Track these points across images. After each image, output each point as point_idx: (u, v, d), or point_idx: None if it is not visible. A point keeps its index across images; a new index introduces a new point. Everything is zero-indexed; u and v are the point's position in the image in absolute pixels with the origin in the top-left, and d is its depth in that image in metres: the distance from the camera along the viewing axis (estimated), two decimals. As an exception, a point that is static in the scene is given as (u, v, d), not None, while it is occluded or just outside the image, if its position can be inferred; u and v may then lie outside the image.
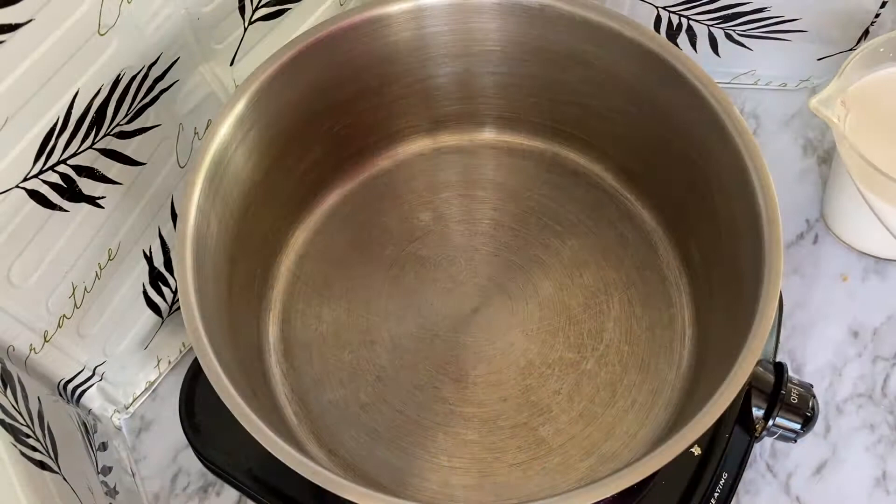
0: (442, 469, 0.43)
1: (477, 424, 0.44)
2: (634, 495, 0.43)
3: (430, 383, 0.45)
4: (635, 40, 0.42)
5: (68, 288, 0.42)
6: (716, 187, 0.42)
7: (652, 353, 0.45)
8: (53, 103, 0.35)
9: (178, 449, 0.52)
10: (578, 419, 0.44)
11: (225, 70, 0.46)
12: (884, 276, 0.56)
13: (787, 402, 0.43)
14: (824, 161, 0.60)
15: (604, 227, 0.49)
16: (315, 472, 0.33)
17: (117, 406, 0.51)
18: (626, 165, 0.50)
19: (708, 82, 0.40)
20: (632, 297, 0.47)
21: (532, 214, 0.50)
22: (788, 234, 0.57)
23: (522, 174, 0.51)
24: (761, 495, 0.50)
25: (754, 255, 0.38)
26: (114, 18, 0.36)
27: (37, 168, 0.36)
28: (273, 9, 0.46)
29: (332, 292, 0.48)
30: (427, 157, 0.52)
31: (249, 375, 0.41)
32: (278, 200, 0.47)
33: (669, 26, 0.57)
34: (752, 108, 0.62)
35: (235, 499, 0.51)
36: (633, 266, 0.48)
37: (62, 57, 0.35)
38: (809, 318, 0.54)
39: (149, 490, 0.51)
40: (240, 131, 0.41)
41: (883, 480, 0.50)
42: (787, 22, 0.55)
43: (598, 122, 0.48)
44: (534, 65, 0.47)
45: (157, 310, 0.50)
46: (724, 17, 0.55)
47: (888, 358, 0.53)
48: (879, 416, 0.52)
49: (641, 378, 0.45)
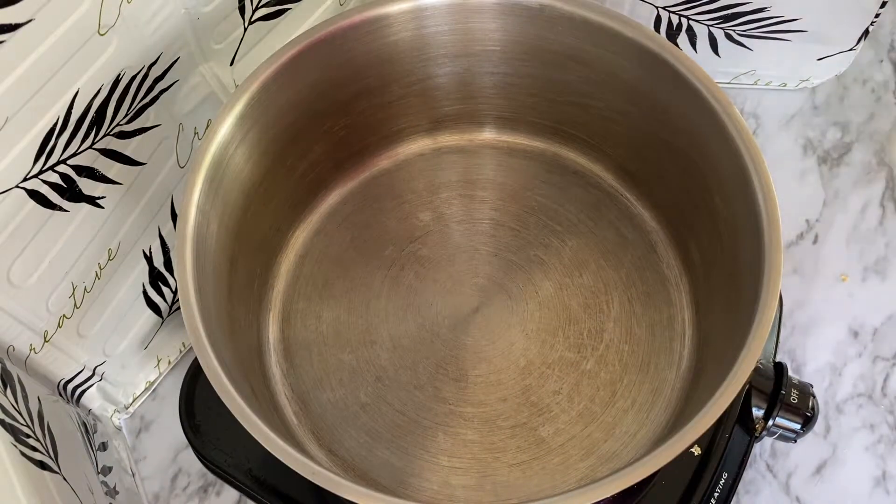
0: (442, 469, 0.43)
1: (477, 424, 0.44)
2: (634, 495, 0.43)
3: (430, 383, 0.45)
4: (635, 40, 0.42)
5: (68, 288, 0.42)
6: (716, 187, 0.42)
7: (652, 353, 0.45)
8: (53, 103, 0.35)
9: (178, 449, 0.52)
10: (578, 419, 0.44)
11: (225, 70, 0.46)
12: (884, 275, 0.56)
13: (787, 402, 0.43)
14: (824, 161, 0.60)
15: (604, 227, 0.49)
16: (315, 472, 0.33)
17: (117, 406, 0.51)
18: (626, 165, 0.50)
19: (708, 82, 0.40)
20: (632, 297, 0.47)
21: (532, 214, 0.50)
22: (788, 234, 0.57)
23: (522, 174, 0.51)
24: (761, 495, 0.50)
25: (754, 255, 0.38)
26: (114, 18, 0.36)
27: (37, 168, 0.36)
28: (273, 9, 0.46)
29: (332, 292, 0.48)
30: (427, 157, 0.52)
31: (249, 375, 0.41)
32: (278, 200, 0.47)
33: (669, 26, 0.57)
34: (752, 108, 0.62)
35: (235, 499, 0.51)
36: (633, 266, 0.48)
37: (62, 57, 0.35)
38: (809, 317, 0.55)
39: (149, 490, 0.51)
40: (240, 131, 0.41)
41: (883, 480, 0.50)
42: (787, 22, 0.55)
43: (597, 122, 0.48)
44: (534, 65, 0.47)
45: (157, 310, 0.50)
46: (724, 17, 0.55)
47: (888, 358, 0.53)
48: (879, 416, 0.52)
49: (641, 378, 0.45)
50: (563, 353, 0.45)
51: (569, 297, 0.47)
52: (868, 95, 0.62)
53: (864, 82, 0.63)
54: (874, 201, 0.59)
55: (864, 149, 0.60)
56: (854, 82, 0.63)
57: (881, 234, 0.57)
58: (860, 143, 0.60)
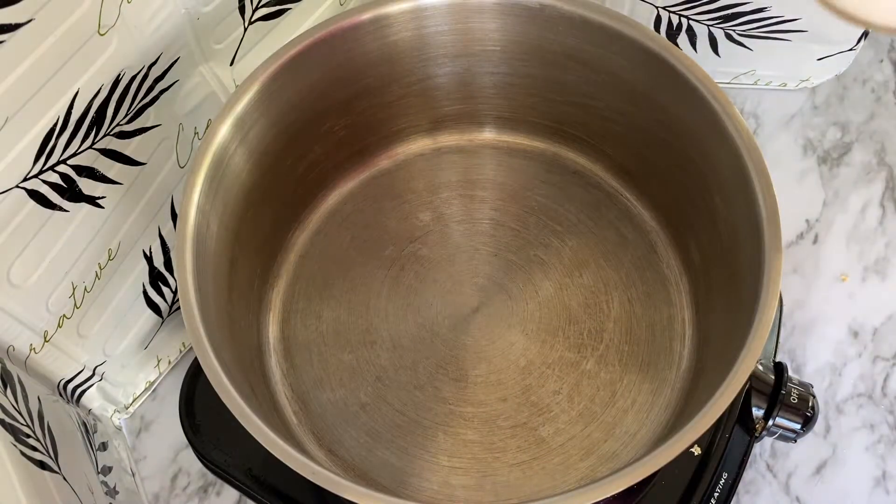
0: (442, 469, 0.43)
1: (477, 424, 0.44)
2: (634, 495, 0.43)
3: (430, 383, 0.45)
4: (635, 40, 0.42)
5: (68, 288, 0.42)
6: (716, 187, 0.42)
7: (652, 353, 0.45)
8: (53, 103, 0.35)
9: (178, 449, 0.52)
10: (578, 419, 0.44)
11: (225, 70, 0.46)
12: (884, 275, 0.56)
13: (787, 402, 0.43)
14: (824, 161, 0.60)
15: (604, 227, 0.49)
16: (315, 472, 0.33)
17: (117, 406, 0.51)
18: (626, 165, 0.50)
19: (708, 82, 0.40)
20: (632, 297, 0.47)
21: (532, 214, 0.50)
22: (788, 234, 0.57)
23: (522, 174, 0.51)
24: (761, 495, 0.50)
25: (754, 255, 0.38)
26: (114, 18, 0.36)
27: (37, 168, 0.36)
28: (273, 9, 0.46)
29: (332, 292, 0.48)
30: (427, 157, 0.52)
31: (249, 375, 0.41)
32: (278, 200, 0.47)
33: (669, 26, 0.57)
34: (752, 108, 0.62)
35: (235, 499, 0.51)
36: (633, 266, 0.48)
37: (62, 57, 0.35)
38: (809, 317, 0.55)
39: (149, 490, 0.51)
40: (240, 131, 0.41)
41: (883, 480, 0.50)
42: (787, 22, 0.55)
43: (598, 122, 0.48)
44: (534, 65, 0.47)
45: (157, 310, 0.50)
46: (724, 17, 0.55)
47: (888, 358, 0.53)
48: (879, 416, 0.52)
49: (641, 378, 0.45)
50: (563, 353, 0.45)
51: (569, 297, 0.47)
52: (868, 95, 0.62)
53: (864, 82, 0.63)
54: (874, 201, 0.59)
55: (864, 149, 0.60)
56: (854, 82, 0.63)
57: (881, 234, 0.57)
58: (860, 143, 0.60)
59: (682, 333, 0.46)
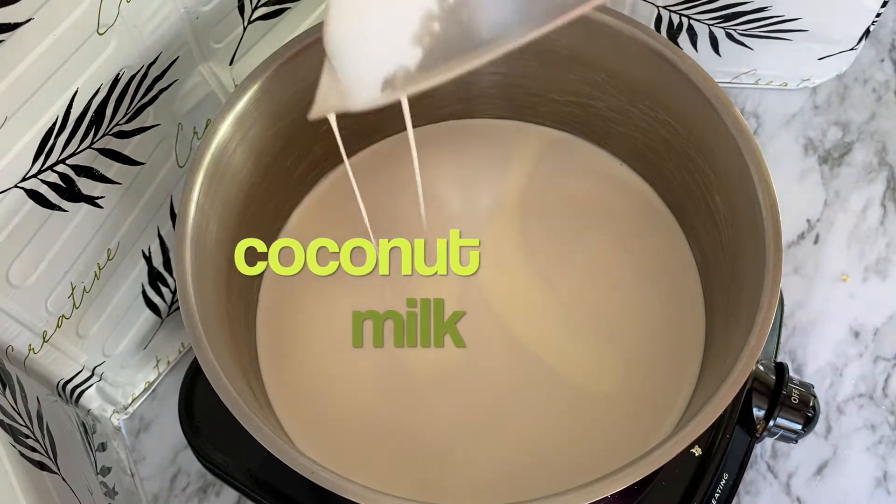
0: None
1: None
2: (634, 495, 0.43)
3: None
4: (636, 40, 0.42)
5: (67, 288, 0.41)
6: (716, 187, 0.42)
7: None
8: (52, 103, 0.35)
9: (178, 449, 0.52)
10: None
11: (224, 69, 0.46)
12: (885, 275, 0.56)
13: (788, 402, 0.43)
14: (825, 161, 0.60)
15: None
16: (315, 472, 0.33)
17: (116, 406, 0.51)
18: (626, 165, 0.50)
19: (708, 82, 0.40)
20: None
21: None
22: (789, 234, 0.57)
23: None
24: (762, 496, 0.50)
25: (755, 255, 0.37)
26: (113, 18, 0.36)
27: (36, 168, 0.36)
28: (272, 8, 0.46)
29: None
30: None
31: (249, 375, 0.41)
32: (278, 200, 0.47)
33: (670, 26, 0.57)
34: (753, 108, 0.62)
35: (235, 499, 0.51)
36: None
37: (61, 56, 0.35)
38: (810, 318, 0.54)
39: (148, 490, 0.51)
40: (239, 130, 0.41)
41: (884, 481, 0.50)
42: (788, 21, 0.55)
43: (598, 122, 0.48)
44: (534, 65, 0.47)
45: (157, 310, 0.50)
46: (724, 17, 0.55)
47: (889, 358, 0.53)
48: (880, 417, 0.52)
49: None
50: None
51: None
52: (869, 95, 0.62)
53: (865, 82, 0.63)
54: (875, 201, 0.58)
55: (864, 148, 0.60)
56: (855, 82, 0.62)
57: (882, 234, 0.57)
58: (861, 143, 0.60)
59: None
